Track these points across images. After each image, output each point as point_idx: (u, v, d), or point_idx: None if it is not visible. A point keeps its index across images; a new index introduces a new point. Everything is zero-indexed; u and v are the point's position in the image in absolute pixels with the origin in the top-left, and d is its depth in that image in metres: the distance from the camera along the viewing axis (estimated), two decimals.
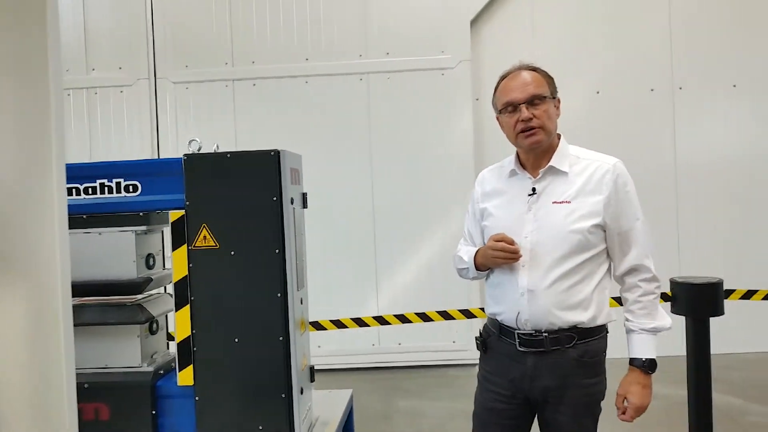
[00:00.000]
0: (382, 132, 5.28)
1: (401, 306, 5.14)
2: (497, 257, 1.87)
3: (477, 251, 1.98)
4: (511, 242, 1.85)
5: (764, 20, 5.38)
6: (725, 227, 5.39)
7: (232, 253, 2.09)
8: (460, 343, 5.14)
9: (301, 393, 2.17)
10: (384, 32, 5.28)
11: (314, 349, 5.05)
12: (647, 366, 1.88)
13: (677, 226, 5.41)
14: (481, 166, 5.24)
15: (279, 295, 2.08)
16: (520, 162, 1.99)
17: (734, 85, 5.46)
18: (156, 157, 5.32)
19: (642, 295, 1.90)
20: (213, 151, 2.21)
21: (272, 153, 2.07)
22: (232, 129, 5.32)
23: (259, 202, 2.07)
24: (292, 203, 2.14)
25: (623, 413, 1.91)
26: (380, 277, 5.32)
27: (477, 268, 1.98)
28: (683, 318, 3.01)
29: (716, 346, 4.99)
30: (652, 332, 1.90)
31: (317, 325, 3.43)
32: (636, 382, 1.89)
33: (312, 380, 2.38)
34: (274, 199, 2.06)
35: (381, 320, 3.58)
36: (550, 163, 1.91)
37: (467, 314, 3.52)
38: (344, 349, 5.26)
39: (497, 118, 2.00)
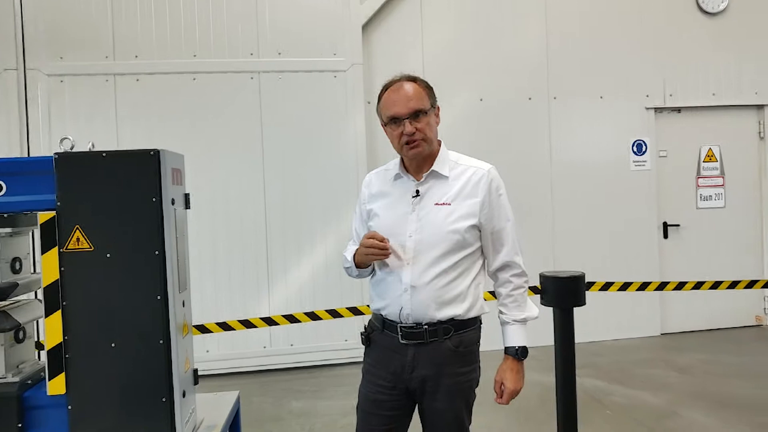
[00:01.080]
0: (275, 132, 5.25)
1: (294, 306, 5.15)
2: (369, 254, 1.99)
3: (356, 250, 2.08)
4: (382, 239, 1.96)
5: (626, 38, 5.96)
6: (595, 224, 5.92)
7: (108, 255, 2.01)
8: (353, 342, 5.23)
9: (183, 396, 2.13)
10: (276, 32, 5.25)
11: (203, 353, 5.01)
12: (519, 353, 2.07)
13: (552, 224, 5.87)
14: (374, 168, 5.41)
15: (159, 297, 2.03)
16: (405, 166, 2.11)
17: (601, 97, 6.00)
18: (25, 155, 4.93)
19: (513, 289, 2.10)
20: (88, 150, 2.12)
21: (152, 153, 2.02)
22: (114, 126, 5.06)
23: (137, 203, 2.01)
24: (173, 204, 2.10)
25: (500, 397, 2.08)
26: (273, 277, 5.28)
27: (357, 266, 2.09)
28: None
29: (587, 335, 5.54)
30: (522, 322, 2.09)
31: (203, 329, 3.36)
32: (510, 368, 2.07)
33: (195, 383, 2.34)
34: (154, 200, 2.01)
35: (269, 321, 3.57)
36: (433, 168, 2.06)
37: (356, 312, 3.60)
38: (235, 352, 5.18)
39: (383, 127, 2.11)
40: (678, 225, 6.15)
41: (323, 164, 5.24)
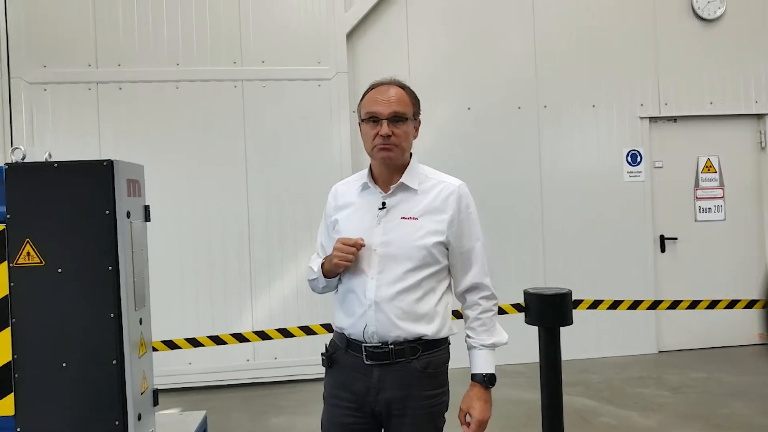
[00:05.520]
0: (258, 141, 5.18)
1: (278, 320, 5.06)
2: (337, 257, 1.90)
3: (325, 258, 2.02)
4: (354, 244, 1.89)
5: (619, 45, 5.87)
6: (587, 237, 5.79)
7: (59, 270, 1.94)
8: None
9: (139, 419, 2.04)
10: (259, 40, 5.20)
11: (185, 366, 4.90)
12: (487, 380, 1.96)
13: (542, 237, 5.75)
14: None
15: (112, 315, 1.95)
16: (373, 177, 2.03)
17: (593, 105, 5.92)
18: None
19: (482, 312, 2.00)
20: (45, 160, 2.04)
21: (104, 163, 1.95)
22: (96, 135, 4.99)
23: (89, 215, 1.94)
24: (128, 217, 2.02)
25: (467, 427, 1.96)
26: (256, 290, 5.19)
27: (325, 275, 2.00)
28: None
29: (579, 351, 5.42)
30: (491, 348, 1.98)
31: (171, 344, 3.27)
32: (477, 397, 1.95)
33: (155, 404, 2.25)
34: (107, 212, 1.94)
35: (240, 337, 3.48)
36: (402, 180, 1.98)
37: (329, 329, 3.51)
38: (219, 366, 5.08)
39: (359, 125, 2.03)
40: (676, 238, 6.01)
41: (307, 173, 5.16)
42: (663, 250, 6.00)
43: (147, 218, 2.22)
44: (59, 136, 4.97)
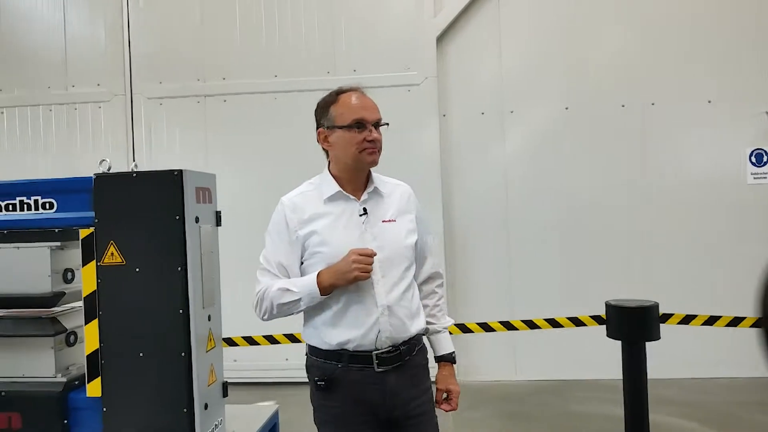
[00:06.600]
0: None
1: None
2: (359, 269, 1.84)
3: (318, 274, 1.90)
4: (370, 254, 1.88)
5: (738, 33, 5.35)
6: (700, 246, 5.31)
7: (137, 269, 2.14)
8: None
9: (206, 408, 2.20)
10: (351, 49, 5.36)
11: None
12: (454, 357, 2.15)
13: (647, 247, 5.37)
14: (448, 182, 5.37)
15: (181, 311, 2.12)
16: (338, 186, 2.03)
17: (709, 101, 5.44)
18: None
19: (440, 299, 2.18)
20: (130, 170, 2.27)
21: (175, 173, 2.13)
22: (203, 144, 5.42)
23: (162, 220, 2.13)
24: (197, 222, 2.19)
25: (448, 404, 2.09)
26: None
27: (324, 292, 1.88)
28: None
29: (687, 370, 4.98)
30: (447, 330, 2.17)
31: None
32: (451, 374, 2.12)
33: (224, 395, 2.41)
34: (177, 217, 2.12)
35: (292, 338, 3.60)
36: (375, 185, 2.06)
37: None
38: (261, 364, 5.24)
39: (330, 132, 2.03)
40: None
41: (397, 178, 5.21)
42: None
43: (218, 223, 2.39)
44: (173, 145, 5.47)
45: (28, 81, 5.70)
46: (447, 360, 2.12)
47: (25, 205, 2.28)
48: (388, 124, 2.06)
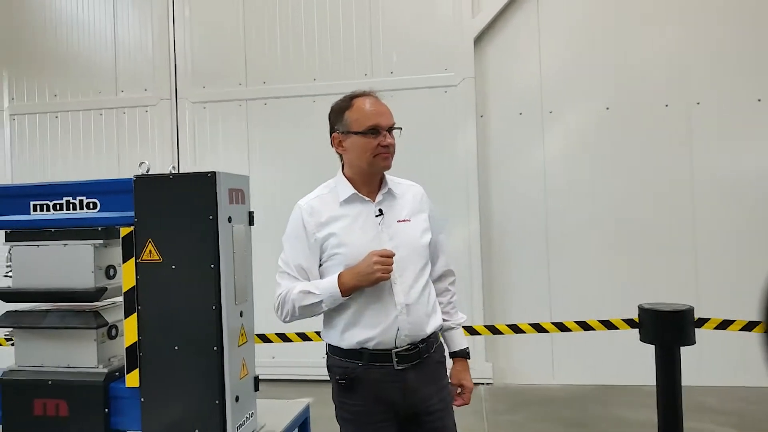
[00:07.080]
0: None
1: None
2: (381, 271, 1.88)
3: (339, 276, 1.95)
4: (390, 255, 1.91)
5: None
6: (751, 255, 5.11)
7: (173, 266, 2.24)
8: None
9: (237, 401, 2.28)
10: (389, 52, 5.42)
11: (268, 359, 5.09)
12: (468, 353, 2.20)
13: (695, 252, 5.21)
14: (486, 182, 5.35)
15: (214, 307, 2.21)
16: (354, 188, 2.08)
17: (759, 99, 5.25)
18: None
19: (452, 296, 2.23)
20: (169, 173, 2.38)
21: (209, 175, 2.21)
22: (245, 146, 5.57)
23: (196, 219, 2.22)
24: (230, 221, 2.27)
25: (461, 399, 2.13)
26: None
27: (346, 293, 1.93)
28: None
29: (736, 378, 4.81)
30: (460, 326, 2.23)
31: (264, 338, 3.55)
32: (465, 369, 2.17)
33: (256, 389, 2.48)
34: (210, 217, 2.20)
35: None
36: (389, 187, 2.09)
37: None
38: (299, 361, 5.32)
39: (345, 137, 2.08)
40: None
41: (435, 179, 5.22)
42: None
43: (251, 223, 2.47)
44: (216, 146, 5.64)
45: (81, 87, 5.99)
46: (461, 355, 2.17)
47: (71, 205, 2.41)
48: (401, 128, 2.09)
